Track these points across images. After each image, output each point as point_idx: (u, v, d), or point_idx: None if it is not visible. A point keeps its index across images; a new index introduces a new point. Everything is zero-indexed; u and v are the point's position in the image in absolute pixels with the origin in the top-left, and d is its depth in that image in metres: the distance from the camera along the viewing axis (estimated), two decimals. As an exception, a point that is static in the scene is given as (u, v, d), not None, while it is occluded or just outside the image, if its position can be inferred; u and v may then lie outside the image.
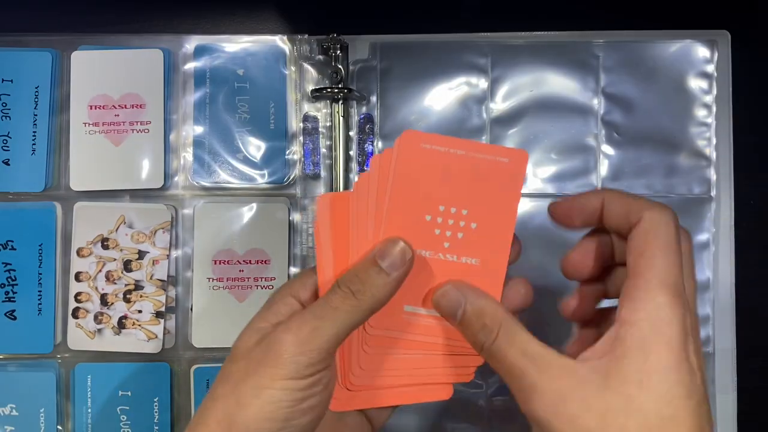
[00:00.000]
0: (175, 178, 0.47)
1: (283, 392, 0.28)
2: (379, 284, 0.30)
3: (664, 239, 0.28)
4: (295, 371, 0.28)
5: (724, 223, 0.47)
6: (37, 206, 0.47)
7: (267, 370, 0.28)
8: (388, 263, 0.30)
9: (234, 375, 0.29)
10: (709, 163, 0.48)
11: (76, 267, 0.47)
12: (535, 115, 0.48)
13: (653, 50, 0.48)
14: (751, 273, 0.48)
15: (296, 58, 0.47)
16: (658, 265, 0.27)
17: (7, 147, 0.47)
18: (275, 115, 0.47)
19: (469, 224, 0.33)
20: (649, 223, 0.28)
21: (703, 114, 0.48)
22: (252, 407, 0.28)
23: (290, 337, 0.29)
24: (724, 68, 0.48)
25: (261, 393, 0.28)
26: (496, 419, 0.47)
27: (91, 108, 0.47)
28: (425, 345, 0.33)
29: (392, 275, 0.30)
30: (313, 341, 0.29)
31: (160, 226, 0.47)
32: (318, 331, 0.29)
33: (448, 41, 0.48)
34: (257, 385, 0.28)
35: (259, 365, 0.29)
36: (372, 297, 0.30)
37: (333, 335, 0.29)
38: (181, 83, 0.48)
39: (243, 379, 0.29)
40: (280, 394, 0.28)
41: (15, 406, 0.46)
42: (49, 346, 0.47)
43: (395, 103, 0.48)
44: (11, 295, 0.47)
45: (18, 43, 0.48)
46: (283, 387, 0.28)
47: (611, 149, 0.48)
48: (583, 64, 0.48)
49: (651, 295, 0.27)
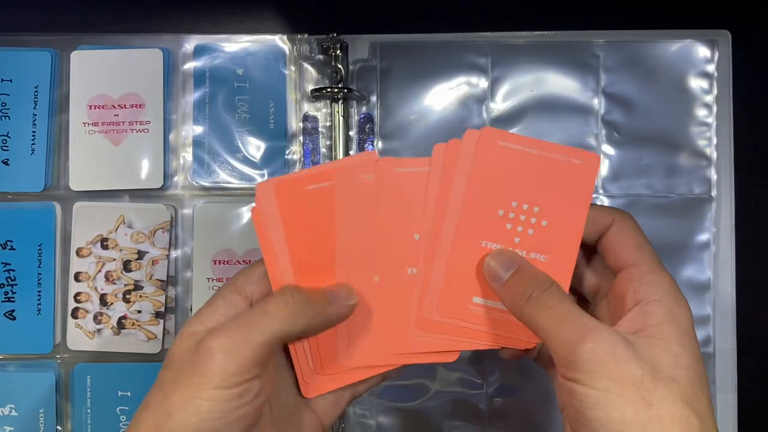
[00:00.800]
0: (175, 178, 0.47)
1: (210, 403, 0.27)
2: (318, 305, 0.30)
3: (641, 234, 0.33)
4: (222, 381, 0.27)
5: (725, 223, 0.47)
6: (37, 206, 0.47)
7: (195, 379, 0.27)
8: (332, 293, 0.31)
9: (166, 384, 0.28)
10: (710, 163, 0.47)
11: (75, 267, 0.47)
12: (536, 114, 0.48)
13: (654, 50, 0.48)
14: (752, 273, 0.48)
15: (296, 58, 0.47)
16: (651, 253, 0.32)
17: (7, 147, 0.47)
18: (275, 114, 0.47)
19: (540, 221, 0.33)
20: (623, 223, 0.33)
21: (704, 114, 0.47)
22: (179, 418, 0.27)
23: (219, 343, 0.28)
24: (725, 68, 0.47)
25: (188, 403, 0.27)
26: (496, 419, 0.47)
27: (90, 108, 0.47)
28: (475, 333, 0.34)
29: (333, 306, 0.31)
30: (241, 349, 0.28)
31: (160, 226, 0.47)
32: (249, 338, 0.28)
33: (448, 41, 0.48)
34: (185, 394, 0.27)
35: (188, 374, 0.28)
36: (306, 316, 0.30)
37: (264, 344, 0.28)
38: (181, 83, 0.48)
39: (172, 389, 0.28)
40: (208, 405, 0.27)
41: (14, 406, 0.46)
42: (49, 347, 0.47)
43: (395, 103, 0.48)
44: (11, 295, 0.47)
45: (17, 42, 0.47)
46: (210, 398, 0.27)
47: (612, 149, 0.48)
48: (583, 64, 0.48)
49: (662, 277, 0.31)
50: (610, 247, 0.33)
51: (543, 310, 0.30)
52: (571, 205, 0.33)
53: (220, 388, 0.27)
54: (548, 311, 0.30)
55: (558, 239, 0.34)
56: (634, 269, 0.31)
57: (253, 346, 0.28)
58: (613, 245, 0.32)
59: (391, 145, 0.48)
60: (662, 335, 0.29)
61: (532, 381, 0.47)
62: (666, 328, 0.29)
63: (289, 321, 0.29)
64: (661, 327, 0.29)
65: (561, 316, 0.29)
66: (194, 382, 0.27)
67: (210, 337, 0.28)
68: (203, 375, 0.27)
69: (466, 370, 0.47)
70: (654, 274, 0.31)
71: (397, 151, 0.48)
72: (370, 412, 0.47)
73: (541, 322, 0.30)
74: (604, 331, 0.28)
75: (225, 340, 0.28)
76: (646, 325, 0.29)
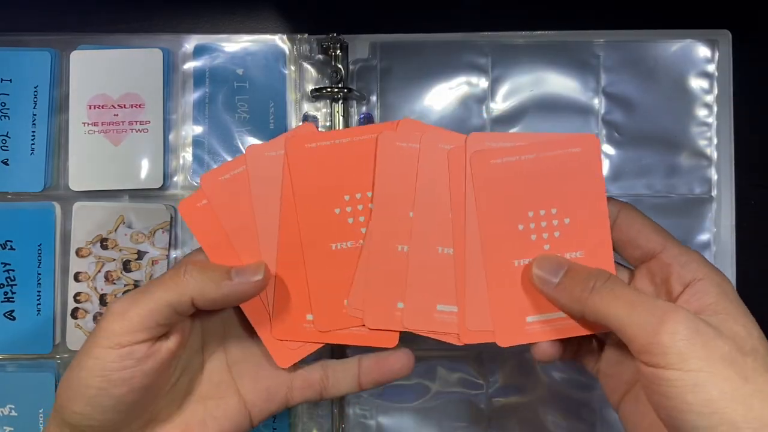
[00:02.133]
0: (175, 178, 0.47)
1: (95, 361, 0.30)
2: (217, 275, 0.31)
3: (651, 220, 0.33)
4: (107, 341, 0.30)
5: (725, 223, 0.47)
6: (36, 206, 0.47)
7: (90, 339, 0.30)
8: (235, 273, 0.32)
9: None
10: (710, 163, 0.47)
11: (75, 267, 0.46)
12: (536, 114, 0.48)
13: (654, 50, 0.48)
14: (752, 273, 0.48)
15: (296, 58, 0.47)
16: (670, 235, 0.32)
17: (6, 147, 0.47)
18: (275, 114, 0.47)
19: (563, 221, 0.33)
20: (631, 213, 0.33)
21: (704, 114, 0.47)
22: (72, 372, 0.30)
23: (114, 307, 0.30)
24: (725, 68, 0.47)
25: (80, 361, 0.30)
26: (496, 419, 0.47)
27: (90, 108, 0.47)
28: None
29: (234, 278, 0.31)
30: (129, 313, 0.30)
31: (160, 226, 0.47)
32: (138, 303, 0.30)
33: (448, 41, 0.48)
34: (81, 352, 0.30)
35: (91, 334, 0.31)
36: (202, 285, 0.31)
37: (152, 309, 0.30)
38: (181, 83, 0.48)
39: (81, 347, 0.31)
40: (92, 363, 0.30)
41: (14, 406, 0.46)
42: (48, 347, 0.46)
43: (395, 102, 0.48)
44: (10, 295, 0.46)
45: (17, 42, 0.47)
46: (96, 355, 0.30)
47: (612, 149, 0.48)
48: (583, 64, 0.48)
49: (693, 255, 0.31)
50: (627, 237, 0.33)
51: (611, 299, 0.29)
52: (585, 192, 0.33)
53: (104, 347, 0.30)
54: (617, 299, 0.29)
55: (587, 231, 0.33)
56: (665, 254, 0.32)
57: (139, 310, 0.30)
58: (630, 235, 0.33)
59: (391, 145, 0.48)
60: (726, 310, 0.29)
61: (533, 381, 0.47)
62: (726, 304, 0.29)
63: (177, 292, 0.31)
64: (721, 303, 0.29)
65: (632, 301, 0.29)
66: (89, 341, 0.30)
67: (112, 301, 0.31)
68: (95, 335, 0.30)
69: (467, 371, 0.47)
70: (687, 254, 0.31)
71: (397, 151, 0.48)
72: (370, 412, 0.47)
73: (611, 310, 0.29)
74: (682, 312, 0.28)
75: (119, 303, 0.30)
76: (706, 304, 0.29)
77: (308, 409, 0.47)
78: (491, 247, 0.33)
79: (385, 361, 0.35)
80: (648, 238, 0.32)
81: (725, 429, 0.26)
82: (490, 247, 0.33)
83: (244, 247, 0.34)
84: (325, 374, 0.36)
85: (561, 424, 0.47)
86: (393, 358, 0.35)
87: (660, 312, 0.28)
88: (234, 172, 0.34)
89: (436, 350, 0.47)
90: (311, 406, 0.47)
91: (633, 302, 0.28)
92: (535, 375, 0.47)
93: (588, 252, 0.33)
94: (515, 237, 0.33)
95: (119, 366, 0.30)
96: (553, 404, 0.47)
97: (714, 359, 0.26)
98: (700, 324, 0.27)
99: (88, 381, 0.30)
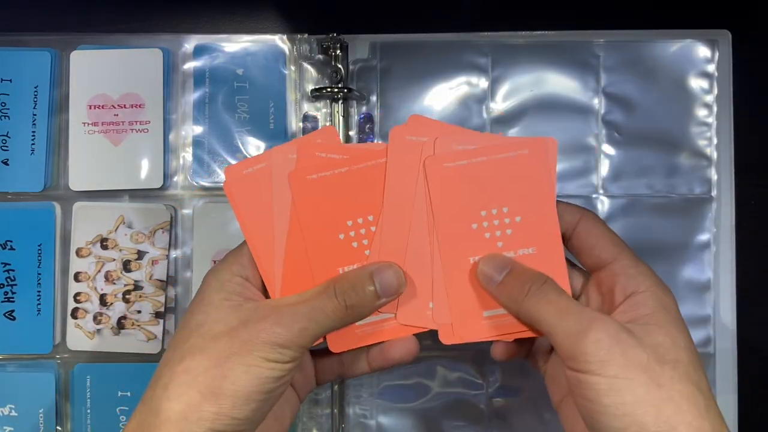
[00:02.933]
0: (175, 178, 0.47)
1: (271, 371, 0.31)
2: (370, 306, 0.33)
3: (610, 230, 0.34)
4: (280, 357, 0.31)
5: (725, 223, 0.47)
6: (36, 206, 0.47)
7: (257, 353, 0.31)
8: (382, 287, 0.33)
9: (216, 351, 0.31)
10: (710, 163, 0.47)
11: (75, 267, 0.46)
12: (536, 114, 0.48)
13: (654, 50, 0.48)
14: (752, 273, 0.48)
15: (296, 58, 0.47)
16: (626, 247, 0.33)
17: (6, 147, 0.47)
18: (275, 114, 0.47)
19: (514, 219, 0.34)
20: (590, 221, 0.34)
21: (704, 114, 0.47)
22: (241, 381, 0.30)
23: (282, 330, 0.31)
24: (725, 68, 0.47)
25: (250, 370, 0.30)
26: (496, 419, 0.47)
27: (90, 108, 0.47)
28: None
29: (382, 300, 0.33)
30: (300, 338, 0.31)
31: (160, 226, 0.47)
32: (306, 331, 0.32)
33: (448, 41, 0.48)
34: (246, 363, 0.30)
35: (247, 345, 0.31)
36: (360, 315, 0.33)
37: (316, 336, 0.32)
38: (181, 83, 0.48)
39: (228, 357, 0.30)
40: (268, 373, 0.31)
41: (14, 406, 0.46)
42: (48, 347, 0.46)
43: (395, 102, 0.48)
44: (10, 295, 0.46)
45: (17, 42, 0.47)
46: (271, 368, 0.31)
47: (612, 149, 0.48)
48: (583, 64, 0.48)
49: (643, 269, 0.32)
50: (584, 245, 0.34)
51: (543, 304, 0.31)
52: (535, 192, 0.34)
53: (277, 362, 0.31)
54: (549, 304, 0.31)
55: (538, 228, 0.34)
56: (616, 264, 0.33)
57: (309, 337, 0.32)
58: (587, 243, 0.34)
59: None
60: (658, 322, 0.30)
61: (533, 381, 0.47)
62: (659, 316, 0.30)
63: (342, 320, 0.33)
64: (655, 315, 0.30)
65: (562, 308, 0.30)
66: (257, 354, 0.31)
67: (271, 320, 0.31)
68: (264, 351, 0.31)
69: (467, 371, 0.47)
70: (636, 267, 0.32)
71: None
72: (370, 412, 0.47)
73: (542, 315, 0.31)
74: (606, 321, 0.29)
75: (288, 327, 0.31)
76: (640, 315, 0.31)
77: (308, 408, 0.47)
78: (448, 245, 0.34)
79: (388, 349, 0.36)
80: (603, 248, 0.33)
81: (635, 430, 0.28)
82: (446, 244, 0.34)
83: (259, 246, 0.35)
84: (340, 360, 0.38)
85: (560, 424, 0.47)
86: (396, 346, 0.36)
87: (586, 321, 0.29)
88: (257, 167, 0.35)
89: (436, 350, 0.47)
90: (311, 406, 0.47)
91: (562, 309, 0.30)
92: (535, 375, 0.47)
93: (540, 249, 0.34)
94: (470, 235, 0.34)
95: (286, 376, 0.32)
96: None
97: (631, 366, 0.28)
98: (622, 334, 0.29)
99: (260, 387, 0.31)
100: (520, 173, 0.34)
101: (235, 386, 0.30)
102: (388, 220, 0.35)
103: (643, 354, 0.29)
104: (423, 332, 0.35)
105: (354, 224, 0.35)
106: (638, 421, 0.28)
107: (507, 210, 0.34)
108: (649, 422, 0.27)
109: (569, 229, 0.35)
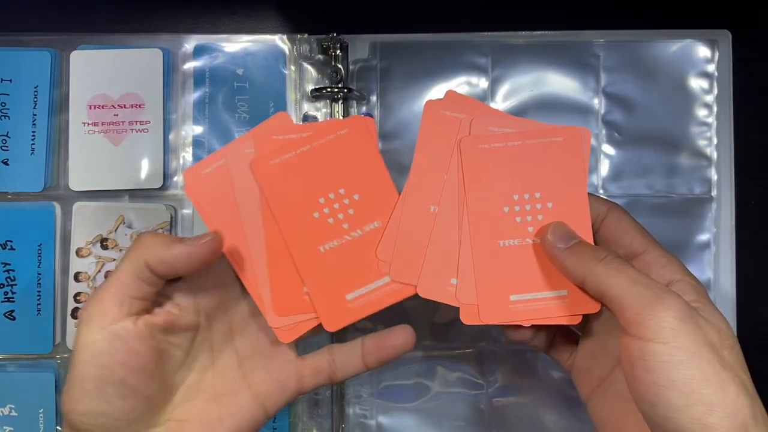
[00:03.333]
0: (175, 178, 0.47)
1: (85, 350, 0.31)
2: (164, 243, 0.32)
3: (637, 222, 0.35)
4: (91, 328, 0.31)
5: (725, 223, 0.47)
6: (36, 206, 0.47)
7: (78, 332, 0.31)
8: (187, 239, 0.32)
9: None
10: (710, 163, 0.47)
11: (75, 267, 0.46)
12: (536, 114, 0.48)
13: (654, 50, 0.48)
14: (752, 273, 0.48)
15: (296, 58, 0.47)
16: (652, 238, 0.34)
17: (6, 147, 0.47)
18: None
19: (546, 205, 0.34)
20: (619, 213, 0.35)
21: (704, 114, 0.47)
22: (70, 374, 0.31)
23: (91, 296, 0.33)
24: (725, 68, 0.47)
25: (74, 358, 0.31)
26: (496, 419, 0.47)
27: (90, 108, 0.47)
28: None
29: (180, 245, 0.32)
30: (101, 294, 0.31)
31: (159, 226, 0.47)
32: (106, 284, 0.32)
33: (448, 41, 0.48)
34: (73, 350, 0.31)
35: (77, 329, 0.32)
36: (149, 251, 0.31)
37: (117, 285, 0.31)
38: (181, 83, 0.48)
39: (73, 346, 0.32)
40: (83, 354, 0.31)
41: (14, 406, 0.46)
42: (48, 347, 0.46)
43: (395, 102, 0.48)
44: (10, 295, 0.46)
45: (17, 42, 0.47)
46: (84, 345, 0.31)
47: (612, 149, 0.48)
48: (583, 64, 0.48)
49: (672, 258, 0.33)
50: (613, 236, 0.34)
51: (617, 271, 0.31)
52: (567, 179, 0.34)
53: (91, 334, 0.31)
54: (623, 273, 0.30)
55: (569, 216, 0.34)
56: (647, 255, 0.33)
57: (109, 288, 0.31)
58: (617, 234, 0.34)
59: (392, 145, 0.48)
60: (706, 309, 0.30)
61: (533, 381, 0.47)
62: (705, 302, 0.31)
63: (134, 259, 0.31)
64: (701, 302, 0.31)
65: (635, 278, 0.30)
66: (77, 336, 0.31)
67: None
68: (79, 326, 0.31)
69: (467, 370, 0.47)
70: (666, 257, 0.33)
71: (398, 150, 0.48)
72: (370, 412, 0.47)
73: (613, 281, 0.30)
74: (678, 296, 0.29)
75: (94, 292, 0.33)
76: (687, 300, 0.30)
77: (308, 408, 0.47)
78: (478, 226, 0.34)
79: (386, 338, 0.36)
80: (633, 239, 0.34)
81: (700, 409, 0.26)
82: (476, 225, 0.34)
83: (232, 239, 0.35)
84: (332, 358, 0.36)
85: (561, 424, 0.47)
86: (393, 335, 0.35)
87: (659, 291, 0.29)
88: (215, 165, 0.35)
89: (436, 350, 0.47)
90: (311, 406, 0.47)
91: (636, 279, 0.30)
92: (535, 375, 0.47)
93: None
94: (501, 218, 0.34)
95: (109, 348, 0.30)
96: (553, 404, 0.47)
97: (701, 342, 0.28)
98: (692, 311, 0.29)
99: (84, 373, 0.30)
100: (554, 160, 0.34)
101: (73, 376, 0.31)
102: (414, 191, 0.35)
103: (711, 332, 0.28)
104: (423, 332, 0.35)
105: (326, 200, 0.34)
106: (704, 401, 0.27)
107: (539, 195, 0.34)
108: (714, 402, 0.27)
109: (597, 220, 0.35)
